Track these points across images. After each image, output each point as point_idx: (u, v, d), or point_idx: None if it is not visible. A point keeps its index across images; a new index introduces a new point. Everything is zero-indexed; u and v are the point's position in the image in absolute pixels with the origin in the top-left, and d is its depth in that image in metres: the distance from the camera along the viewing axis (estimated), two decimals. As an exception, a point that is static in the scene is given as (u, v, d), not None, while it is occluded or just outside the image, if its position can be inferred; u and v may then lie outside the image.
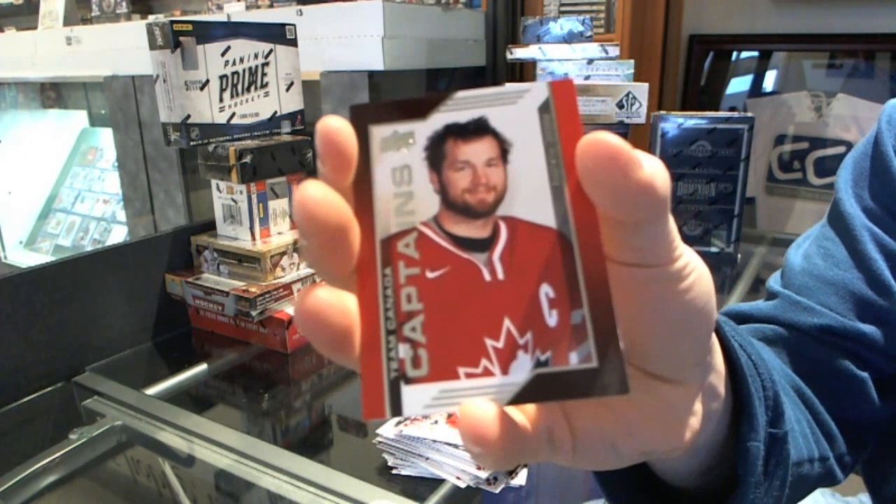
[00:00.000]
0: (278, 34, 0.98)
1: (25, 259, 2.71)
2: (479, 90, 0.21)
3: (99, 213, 2.63)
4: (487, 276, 0.21)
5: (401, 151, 0.21)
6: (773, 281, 0.51)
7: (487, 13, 1.77)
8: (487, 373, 0.20)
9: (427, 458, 0.62)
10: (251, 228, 0.95)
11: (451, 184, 0.21)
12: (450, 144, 0.21)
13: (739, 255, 1.20)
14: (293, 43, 1.00)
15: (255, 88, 0.97)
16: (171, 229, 0.96)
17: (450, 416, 0.67)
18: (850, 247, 0.46)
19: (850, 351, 0.45)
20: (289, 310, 0.91)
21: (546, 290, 0.20)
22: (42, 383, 0.82)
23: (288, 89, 1.02)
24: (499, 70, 1.78)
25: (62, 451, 0.69)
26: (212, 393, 0.86)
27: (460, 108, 0.21)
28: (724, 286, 1.10)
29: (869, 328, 0.44)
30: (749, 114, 1.27)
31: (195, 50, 0.88)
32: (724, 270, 1.16)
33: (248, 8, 1.92)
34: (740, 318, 0.50)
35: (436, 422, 0.66)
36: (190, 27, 0.87)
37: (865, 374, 0.45)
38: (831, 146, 1.70)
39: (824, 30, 1.69)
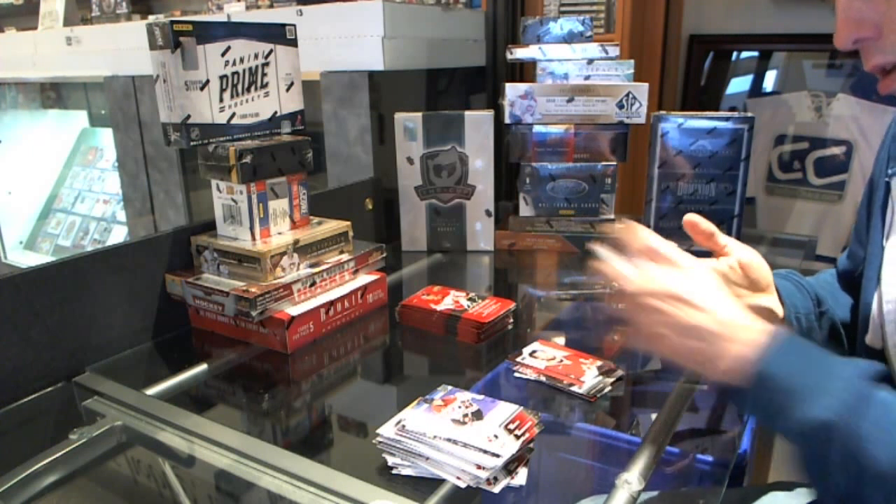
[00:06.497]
0: (278, 34, 0.98)
1: (25, 259, 2.72)
2: None
3: (99, 213, 2.64)
4: None
5: None
6: None
7: (487, 13, 1.77)
8: None
9: (427, 458, 0.62)
10: (251, 228, 0.95)
11: None
12: None
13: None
14: (293, 43, 1.01)
15: (255, 88, 0.97)
16: (171, 229, 0.96)
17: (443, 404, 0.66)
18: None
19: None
20: (289, 310, 0.91)
21: None
22: (42, 383, 0.82)
23: (288, 89, 1.02)
24: (499, 70, 1.78)
25: (62, 451, 0.69)
26: (212, 393, 0.86)
27: None
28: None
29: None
30: (749, 114, 1.27)
31: (195, 50, 0.88)
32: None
33: (248, 8, 1.92)
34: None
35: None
36: (190, 27, 0.87)
37: None
38: (831, 146, 1.70)
39: (824, 30, 1.69)
